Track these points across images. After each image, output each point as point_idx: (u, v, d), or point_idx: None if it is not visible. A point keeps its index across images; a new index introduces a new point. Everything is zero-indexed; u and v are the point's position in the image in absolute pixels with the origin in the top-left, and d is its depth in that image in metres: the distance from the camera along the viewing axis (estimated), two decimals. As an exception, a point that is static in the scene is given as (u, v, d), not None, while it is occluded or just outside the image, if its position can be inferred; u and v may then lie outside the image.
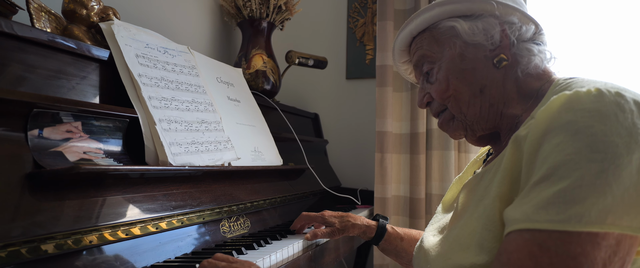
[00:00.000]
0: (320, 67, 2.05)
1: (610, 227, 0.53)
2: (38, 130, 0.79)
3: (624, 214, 0.53)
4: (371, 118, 2.16)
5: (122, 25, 1.07)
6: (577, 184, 0.54)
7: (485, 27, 0.80)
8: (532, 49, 0.79)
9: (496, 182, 0.67)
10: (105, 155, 0.92)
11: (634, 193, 0.54)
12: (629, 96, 0.59)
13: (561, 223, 0.54)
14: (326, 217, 1.16)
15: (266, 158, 1.45)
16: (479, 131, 0.84)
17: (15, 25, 0.79)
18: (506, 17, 0.80)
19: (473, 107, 0.81)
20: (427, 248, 0.85)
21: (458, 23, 0.81)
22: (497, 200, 0.66)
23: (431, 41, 0.85)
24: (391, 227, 1.17)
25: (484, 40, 0.80)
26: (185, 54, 1.24)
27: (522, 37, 0.80)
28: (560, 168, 0.56)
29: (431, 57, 0.85)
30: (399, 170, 1.87)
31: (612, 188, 0.53)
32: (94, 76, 0.97)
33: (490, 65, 0.80)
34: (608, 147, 0.55)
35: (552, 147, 0.58)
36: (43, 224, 0.70)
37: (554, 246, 0.54)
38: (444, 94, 0.83)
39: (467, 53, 0.81)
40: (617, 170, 0.54)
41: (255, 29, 1.85)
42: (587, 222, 0.53)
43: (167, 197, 0.98)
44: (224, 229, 1.14)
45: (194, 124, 1.12)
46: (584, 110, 0.57)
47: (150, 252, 0.89)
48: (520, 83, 0.80)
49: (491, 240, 0.65)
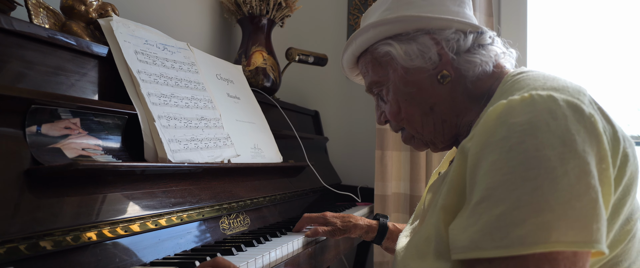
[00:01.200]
0: (320, 64, 2.04)
1: (555, 244, 0.52)
2: (36, 127, 0.78)
3: (567, 229, 0.52)
4: (371, 115, 2.15)
5: (121, 21, 1.07)
6: (515, 205, 0.54)
7: (420, 49, 0.79)
8: (474, 60, 0.77)
9: (443, 193, 0.66)
10: (104, 151, 0.92)
11: (578, 205, 0.53)
12: (562, 98, 0.58)
13: (507, 249, 0.53)
14: (328, 218, 1.17)
15: (266, 155, 1.44)
16: (440, 144, 0.85)
17: (15, 21, 0.79)
18: (441, 34, 0.78)
19: (427, 126, 0.82)
20: (397, 250, 0.85)
21: (393, 48, 0.80)
22: (441, 212, 0.65)
23: (375, 64, 0.85)
24: (392, 225, 1.17)
25: (423, 62, 0.79)
26: (185, 50, 1.24)
27: (462, 49, 0.78)
28: (497, 189, 0.56)
29: (379, 82, 0.86)
30: (399, 168, 1.86)
31: (551, 204, 0.52)
32: (93, 73, 0.96)
33: (435, 82, 0.80)
34: (541, 162, 0.54)
35: (489, 166, 0.57)
36: (41, 221, 0.70)
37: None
38: (397, 116, 0.84)
39: (409, 76, 0.80)
40: (552, 184, 0.53)
41: (255, 26, 1.85)
42: (531, 243, 0.52)
43: (166, 193, 0.98)
44: (224, 226, 1.13)
45: (194, 121, 1.12)
46: (516, 124, 0.57)
47: (149, 248, 0.89)
48: (470, 91, 0.79)
49: (446, 249, 0.64)
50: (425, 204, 0.83)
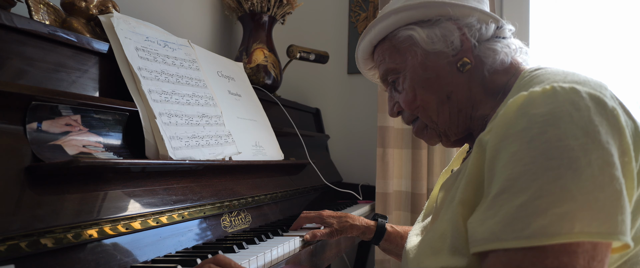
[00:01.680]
0: (321, 61, 2.03)
1: (579, 235, 0.51)
2: (37, 123, 0.78)
3: (591, 220, 0.51)
4: (373, 113, 2.15)
5: (122, 18, 1.06)
6: (536, 195, 0.53)
7: (443, 33, 0.78)
8: (495, 48, 0.77)
9: (461, 187, 0.65)
10: (105, 149, 0.92)
11: (601, 196, 0.52)
12: (584, 91, 0.57)
13: (528, 239, 0.52)
14: (324, 217, 1.14)
15: (267, 153, 1.44)
16: (453, 136, 0.84)
17: (15, 18, 0.78)
18: (464, 20, 0.78)
19: (443, 115, 0.81)
20: (408, 249, 0.83)
21: (415, 32, 0.79)
22: (459, 206, 0.64)
23: (392, 51, 0.84)
24: (391, 226, 1.15)
25: (444, 46, 0.78)
26: (186, 47, 1.23)
27: (483, 37, 0.78)
28: (518, 180, 0.55)
29: (395, 69, 0.84)
30: (401, 165, 1.86)
31: (573, 193, 0.51)
32: (93, 69, 0.96)
33: (454, 70, 0.79)
34: (563, 152, 0.53)
35: (509, 157, 0.56)
36: (42, 218, 0.70)
37: (531, 264, 0.52)
38: (411, 104, 0.82)
39: (429, 61, 0.79)
40: (575, 174, 0.52)
41: (256, 23, 1.84)
42: (553, 234, 0.51)
43: (167, 191, 0.98)
44: (225, 224, 1.13)
45: (195, 118, 1.12)
46: (537, 115, 0.56)
47: (151, 246, 0.89)
48: (487, 82, 0.78)
49: (463, 244, 0.63)
50: (438, 202, 0.82)
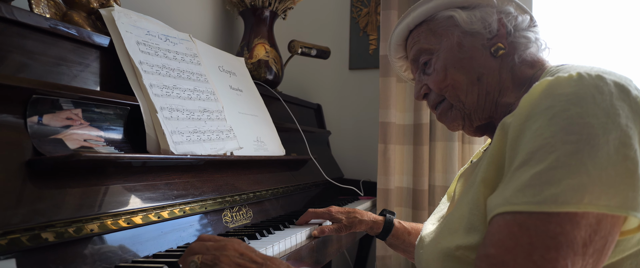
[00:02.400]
0: (323, 57, 2.02)
1: (587, 206, 0.53)
2: (38, 117, 0.77)
3: (601, 194, 0.53)
4: (374, 109, 2.14)
5: (123, 11, 1.05)
6: (552, 166, 0.55)
7: (483, 16, 0.82)
8: (529, 36, 0.81)
9: (483, 167, 0.68)
10: (106, 143, 0.91)
11: (613, 172, 0.54)
12: (609, 78, 0.59)
13: (538, 205, 0.55)
14: (333, 213, 1.16)
15: (269, 148, 1.43)
16: (476, 121, 0.85)
17: (16, 11, 0.78)
18: (503, 7, 0.83)
19: (471, 95, 0.83)
20: (423, 236, 0.86)
21: (456, 12, 0.83)
22: (481, 185, 0.66)
23: (428, 34, 0.87)
24: (398, 222, 1.17)
25: (482, 28, 0.81)
26: (187, 42, 1.23)
27: (519, 27, 0.82)
28: (537, 152, 0.57)
29: (429, 50, 0.86)
30: (402, 162, 1.85)
31: (588, 168, 0.53)
32: (94, 63, 0.95)
33: (487, 54, 0.82)
34: (583, 129, 0.55)
35: (532, 133, 0.59)
36: (43, 212, 0.69)
37: (534, 226, 0.55)
38: (441, 83, 0.84)
39: (465, 42, 0.82)
40: (592, 150, 0.54)
41: (258, 18, 1.83)
42: (562, 202, 0.53)
43: (168, 186, 0.97)
44: (227, 219, 1.13)
45: (196, 113, 1.11)
46: (562, 95, 0.58)
47: (152, 241, 0.88)
48: (516, 71, 0.81)
49: (480, 222, 0.66)
50: (456, 191, 0.84)
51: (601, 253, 0.55)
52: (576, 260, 0.53)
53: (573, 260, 0.53)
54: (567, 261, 0.53)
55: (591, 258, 0.54)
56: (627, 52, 1.82)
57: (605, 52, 1.85)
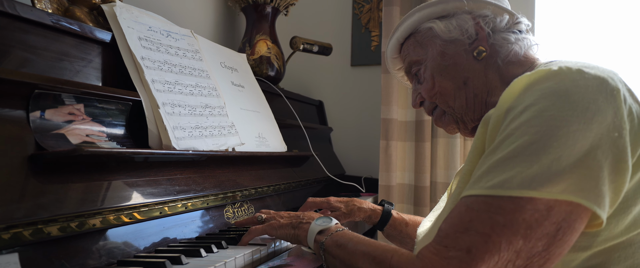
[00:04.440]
0: (325, 53, 2.02)
1: (530, 192, 0.56)
2: (40, 112, 0.77)
3: (547, 181, 0.56)
4: (376, 105, 2.14)
5: (125, 7, 1.05)
6: (509, 155, 0.59)
7: (459, 23, 0.86)
8: (508, 38, 0.84)
9: (467, 160, 0.71)
10: (108, 138, 0.91)
11: (565, 162, 0.56)
12: (591, 72, 0.60)
13: (487, 189, 0.59)
14: (332, 203, 1.18)
15: (270, 144, 1.43)
16: (470, 122, 0.89)
17: (18, 6, 0.78)
18: (478, 11, 0.86)
19: (459, 100, 0.87)
20: (419, 232, 0.91)
21: (435, 24, 0.88)
22: (466, 176, 0.69)
23: (416, 46, 0.93)
24: (396, 213, 1.18)
25: (460, 35, 0.86)
26: (189, 37, 1.23)
27: (497, 28, 0.85)
28: (502, 143, 0.61)
29: (417, 61, 0.92)
30: (404, 158, 1.85)
31: (540, 158, 0.57)
32: (96, 59, 0.95)
33: (471, 58, 0.85)
34: (546, 121, 0.58)
35: (504, 125, 0.62)
36: (46, 206, 0.69)
37: (477, 207, 0.59)
38: (431, 91, 0.89)
39: (447, 50, 0.87)
40: (548, 141, 0.57)
41: (260, 14, 1.83)
42: (508, 187, 0.57)
43: (170, 181, 0.98)
44: (228, 215, 1.13)
45: (198, 108, 1.11)
46: (537, 90, 0.61)
47: (154, 236, 0.89)
48: (502, 71, 0.84)
49: None
50: (453, 188, 0.86)
51: (554, 238, 0.57)
52: (515, 240, 0.56)
53: (510, 239, 0.56)
54: (501, 239, 0.56)
55: (540, 241, 0.56)
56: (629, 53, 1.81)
57: (612, 52, 1.84)
